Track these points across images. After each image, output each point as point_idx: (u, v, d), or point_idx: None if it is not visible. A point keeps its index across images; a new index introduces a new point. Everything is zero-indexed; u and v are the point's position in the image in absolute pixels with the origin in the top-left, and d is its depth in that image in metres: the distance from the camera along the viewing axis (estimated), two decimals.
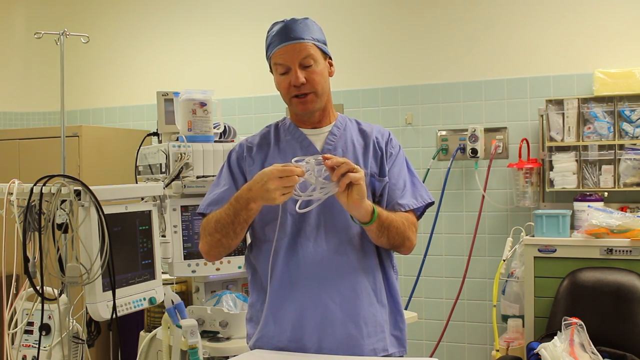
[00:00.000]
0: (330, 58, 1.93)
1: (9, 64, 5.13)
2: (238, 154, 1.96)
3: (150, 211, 2.42)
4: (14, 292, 2.20)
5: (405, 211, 1.88)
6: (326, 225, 1.83)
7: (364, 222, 1.76)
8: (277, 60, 1.86)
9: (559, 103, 3.60)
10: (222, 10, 4.69)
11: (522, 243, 3.49)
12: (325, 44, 1.91)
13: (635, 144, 3.44)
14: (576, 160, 3.55)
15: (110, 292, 2.11)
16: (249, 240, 1.99)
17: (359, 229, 1.84)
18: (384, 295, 1.88)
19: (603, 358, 2.86)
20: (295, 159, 1.72)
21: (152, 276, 2.39)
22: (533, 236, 3.47)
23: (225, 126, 2.94)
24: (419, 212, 1.93)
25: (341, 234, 1.83)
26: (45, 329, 2.26)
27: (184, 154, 2.69)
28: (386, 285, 1.90)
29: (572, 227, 3.49)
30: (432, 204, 1.95)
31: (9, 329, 2.25)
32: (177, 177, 2.69)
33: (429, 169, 4.01)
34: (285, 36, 1.84)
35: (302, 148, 1.91)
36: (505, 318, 3.59)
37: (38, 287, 2.08)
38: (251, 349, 1.89)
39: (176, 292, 2.15)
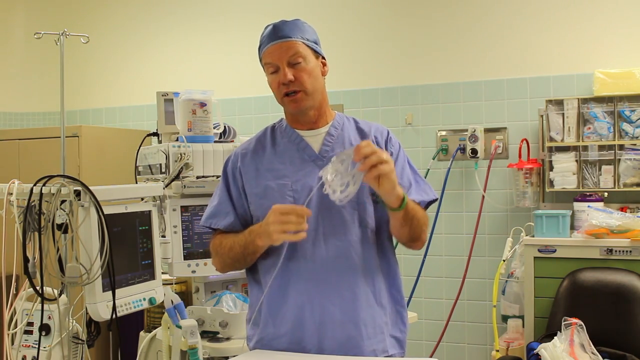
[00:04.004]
0: (323, 58, 1.92)
1: (9, 64, 5.13)
2: (233, 164, 1.96)
3: (150, 211, 2.42)
4: (14, 292, 2.20)
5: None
6: (325, 228, 1.82)
7: (393, 207, 1.75)
8: (266, 59, 1.86)
9: (559, 103, 3.60)
10: (222, 10, 4.69)
11: (522, 243, 3.48)
12: (317, 44, 1.90)
13: (635, 144, 3.44)
14: (576, 161, 3.55)
15: (110, 292, 2.11)
16: None
17: (357, 232, 1.84)
18: (383, 297, 1.87)
19: (603, 358, 2.86)
20: (334, 157, 1.71)
21: (152, 276, 2.38)
22: (533, 236, 3.47)
23: (225, 126, 2.94)
24: (424, 206, 1.91)
25: (340, 236, 1.82)
26: (45, 329, 2.25)
27: (184, 154, 2.69)
28: (389, 287, 1.89)
29: (572, 228, 3.48)
30: (436, 200, 1.95)
31: (8, 329, 2.25)
32: (177, 177, 2.69)
33: (429, 169, 4.01)
34: (273, 36, 1.85)
35: (299, 150, 1.90)
36: (505, 318, 3.59)
37: (38, 287, 2.08)
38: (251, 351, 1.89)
39: (176, 292, 2.15)
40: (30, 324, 2.28)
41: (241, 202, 1.93)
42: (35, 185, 2.07)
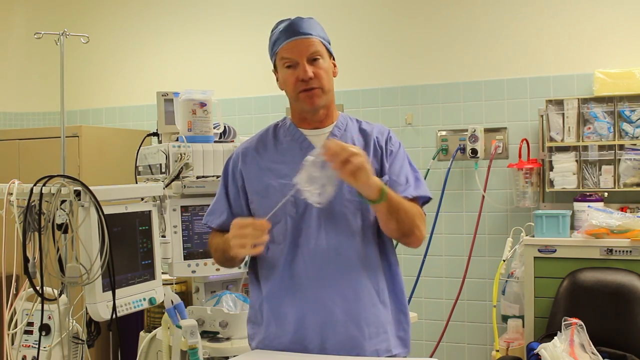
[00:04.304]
0: (334, 59, 1.93)
1: (9, 64, 5.13)
2: (233, 164, 1.97)
3: (150, 211, 2.42)
4: (14, 292, 2.20)
5: (410, 200, 1.85)
6: (327, 227, 1.82)
7: (373, 199, 1.73)
8: (285, 54, 1.85)
9: (559, 103, 3.59)
10: (222, 10, 4.69)
11: (522, 243, 3.48)
12: (330, 44, 1.91)
13: (635, 144, 3.44)
14: (576, 161, 3.55)
15: (110, 292, 2.11)
16: None
17: (359, 230, 1.84)
18: (386, 296, 1.87)
19: (603, 358, 2.86)
20: (305, 162, 1.71)
21: (152, 276, 2.38)
22: (533, 236, 3.47)
23: (225, 126, 2.94)
24: (420, 204, 1.89)
25: (342, 235, 1.82)
26: (45, 329, 2.25)
27: (184, 154, 2.69)
28: (391, 285, 1.89)
29: (572, 228, 3.48)
30: (429, 199, 1.93)
31: (8, 329, 2.25)
32: (177, 177, 2.69)
33: (429, 169, 4.01)
34: (292, 32, 1.85)
35: (302, 149, 1.89)
36: (505, 318, 3.59)
37: (38, 288, 2.08)
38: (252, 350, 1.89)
39: (176, 292, 2.15)
40: (30, 324, 2.28)
41: (238, 202, 1.94)
42: (35, 185, 2.07)
